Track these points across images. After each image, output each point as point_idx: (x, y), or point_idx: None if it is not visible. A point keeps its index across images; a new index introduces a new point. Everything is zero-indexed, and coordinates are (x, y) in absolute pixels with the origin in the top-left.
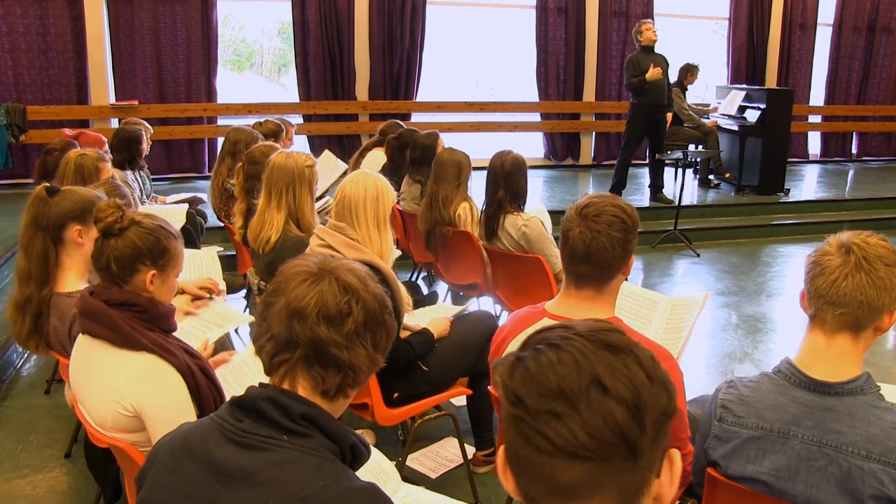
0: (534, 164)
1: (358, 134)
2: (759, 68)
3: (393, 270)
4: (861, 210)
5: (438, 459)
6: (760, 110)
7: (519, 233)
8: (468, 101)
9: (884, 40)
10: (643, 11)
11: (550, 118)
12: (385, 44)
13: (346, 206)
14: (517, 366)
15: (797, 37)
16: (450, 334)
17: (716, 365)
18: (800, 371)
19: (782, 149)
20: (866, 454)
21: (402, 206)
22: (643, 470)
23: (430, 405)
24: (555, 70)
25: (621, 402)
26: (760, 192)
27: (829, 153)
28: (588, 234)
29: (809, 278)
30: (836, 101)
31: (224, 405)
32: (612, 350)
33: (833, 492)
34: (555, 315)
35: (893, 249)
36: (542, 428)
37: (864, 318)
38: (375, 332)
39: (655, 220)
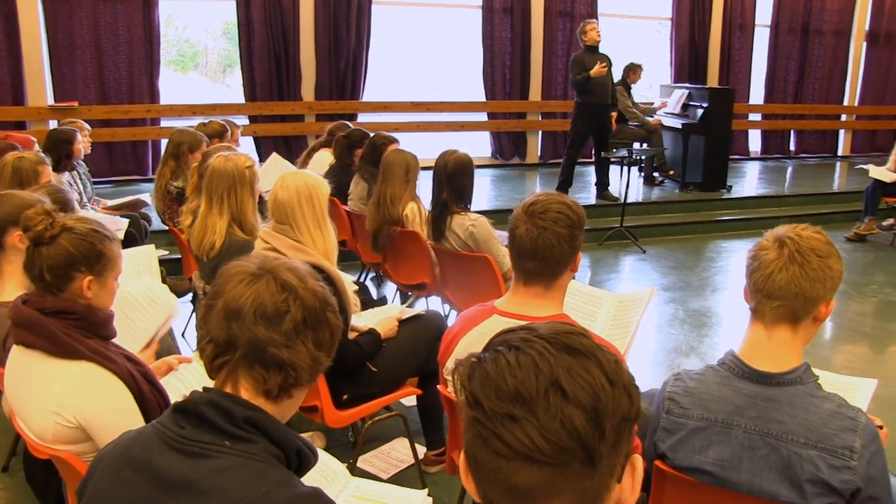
0: (481, 163)
1: (304, 135)
2: (701, 68)
3: (341, 271)
4: (800, 205)
5: (389, 460)
6: (703, 109)
7: (466, 233)
8: (415, 100)
9: (817, 42)
10: (587, 11)
11: (497, 117)
12: (331, 44)
13: (282, 212)
14: (476, 367)
15: (737, 37)
16: (398, 334)
17: (662, 360)
18: (743, 363)
19: (724, 146)
20: (804, 441)
21: (350, 206)
22: (602, 475)
23: (380, 406)
24: (501, 69)
25: (579, 406)
26: (704, 188)
27: (769, 150)
28: (534, 230)
29: (749, 272)
30: (774, 100)
31: (166, 411)
32: (572, 353)
33: (774, 479)
34: (504, 312)
35: (827, 241)
36: (499, 431)
37: (801, 310)
38: (317, 329)
39: (602, 217)
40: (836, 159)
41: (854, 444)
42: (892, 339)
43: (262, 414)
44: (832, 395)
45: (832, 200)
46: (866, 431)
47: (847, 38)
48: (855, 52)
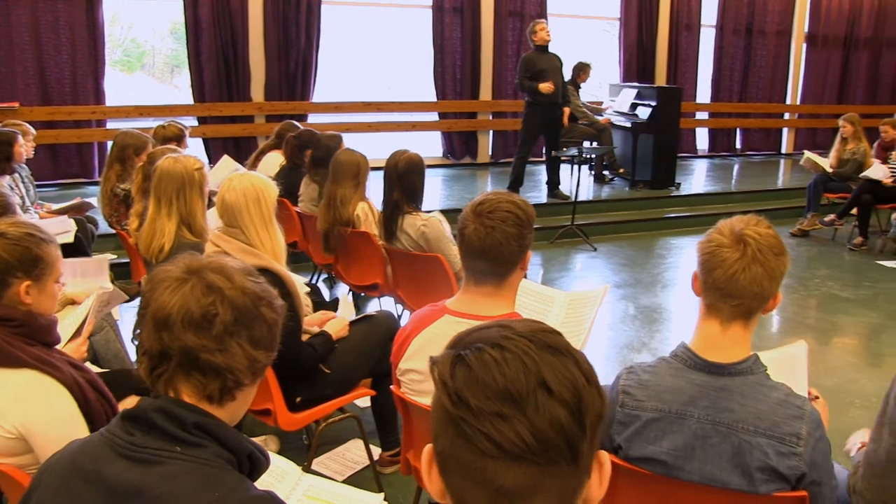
0: (432, 163)
1: (254, 136)
2: (649, 67)
3: (292, 273)
4: (746, 202)
5: (344, 462)
6: (651, 107)
7: (418, 233)
8: (365, 101)
9: (760, 42)
10: (537, 11)
11: (448, 117)
12: (280, 44)
13: (230, 215)
14: (458, 364)
15: (684, 37)
16: (351, 335)
17: (615, 356)
18: (695, 354)
19: (673, 144)
20: (754, 429)
21: (301, 207)
22: (581, 473)
23: (333, 408)
24: (451, 69)
25: (564, 404)
26: (653, 186)
27: (716, 148)
28: (483, 230)
29: (706, 269)
30: (720, 99)
31: (115, 419)
32: (553, 352)
33: (725, 467)
34: (455, 312)
35: (778, 236)
36: (487, 430)
37: (757, 307)
38: (251, 327)
39: (553, 215)
40: (780, 157)
41: (801, 432)
42: (835, 331)
43: (213, 419)
44: (780, 384)
45: (777, 197)
46: (812, 419)
47: (788, 39)
48: (796, 53)
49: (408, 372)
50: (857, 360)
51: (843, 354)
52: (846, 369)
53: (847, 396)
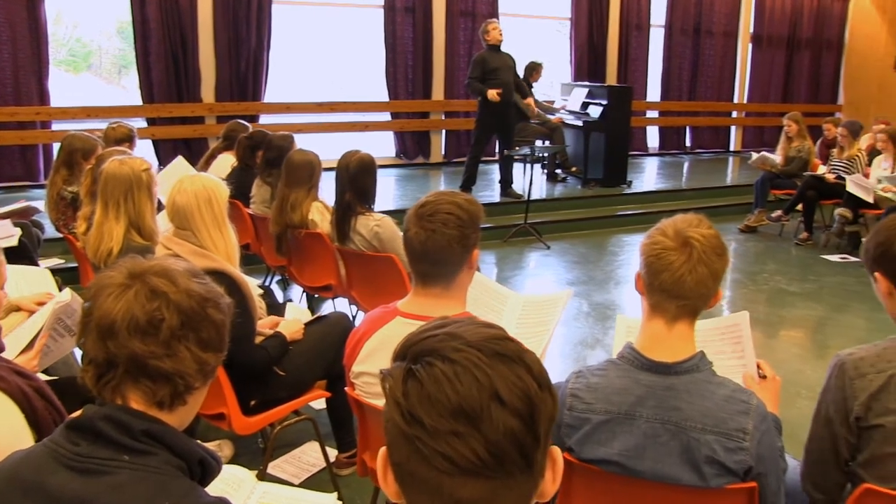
0: (385, 163)
1: (205, 137)
2: (600, 66)
3: (245, 275)
4: (696, 199)
5: (300, 465)
6: (602, 106)
7: (371, 233)
8: (318, 101)
9: (708, 42)
10: (489, 11)
11: (400, 117)
12: (231, 43)
13: (181, 217)
14: (410, 380)
15: (633, 37)
16: (305, 337)
17: (569, 353)
18: (642, 355)
19: (624, 143)
20: (702, 427)
21: (253, 209)
22: (536, 477)
23: (288, 410)
24: (403, 69)
25: (517, 415)
26: (605, 184)
27: (666, 146)
28: (423, 233)
29: (652, 272)
30: (670, 98)
31: (58, 428)
32: (505, 360)
33: (675, 464)
34: (407, 314)
35: (720, 236)
36: (443, 448)
37: (702, 306)
38: (199, 330)
39: (506, 214)
40: (728, 154)
41: (747, 426)
42: (782, 325)
43: (162, 425)
44: (726, 380)
45: (725, 193)
46: (758, 413)
47: (734, 40)
48: (742, 53)
49: (361, 375)
50: (803, 352)
51: (789, 347)
52: (793, 361)
53: (794, 388)
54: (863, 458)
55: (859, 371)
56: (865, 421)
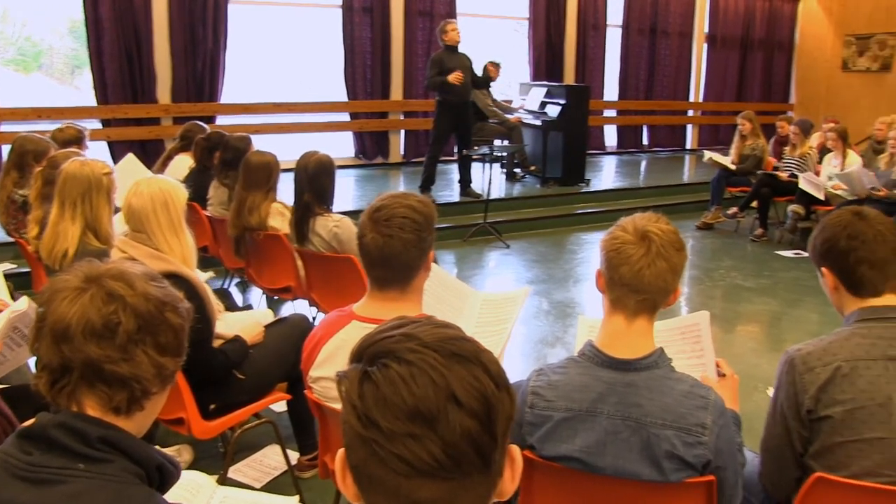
0: (344, 163)
1: (161, 138)
2: (558, 66)
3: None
4: (653, 197)
5: (262, 468)
6: (561, 106)
7: (330, 234)
8: (275, 101)
9: (664, 42)
10: (447, 11)
11: (359, 117)
12: (187, 44)
13: (137, 220)
14: (365, 383)
15: (591, 36)
16: (265, 340)
17: (530, 351)
18: (602, 352)
19: (582, 142)
20: (662, 422)
21: (210, 211)
22: (495, 477)
23: (249, 413)
24: (362, 69)
25: (474, 416)
26: (563, 183)
27: (624, 145)
28: (380, 239)
29: (612, 266)
30: (627, 97)
31: (10, 438)
32: (461, 361)
33: (636, 459)
34: (363, 317)
35: (678, 232)
36: (400, 451)
37: (661, 301)
38: (157, 334)
39: (465, 214)
40: (685, 152)
41: (705, 421)
42: (739, 320)
43: (118, 431)
44: (685, 376)
45: (682, 191)
46: (716, 408)
47: (690, 40)
48: (697, 53)
49: (319, 380)
50: (758, 347)
51: (746, 341)
52: (749, 355)
53: (751, 381)
54: (814, 449)
55: (808, 365)
56: (815, 413)
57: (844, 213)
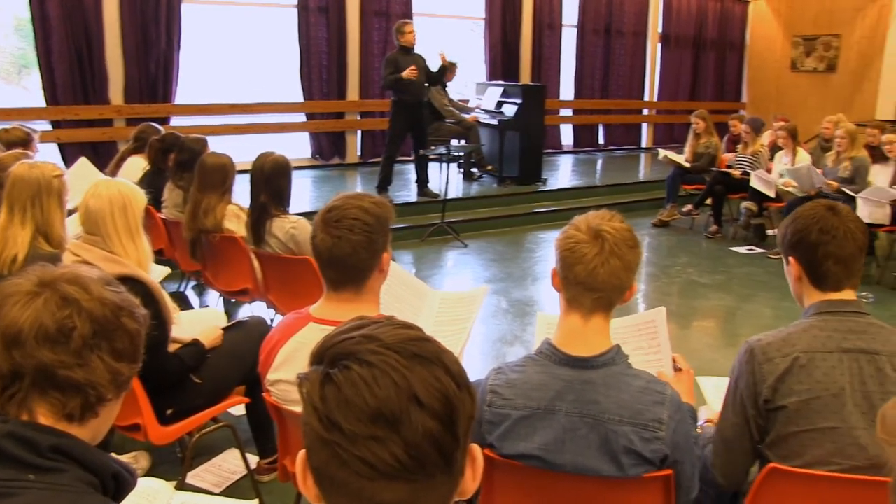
0: (300, 164)
1: (114, 140)
2: (514, 65)
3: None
4: (609, 195)
5: (221, 473)
6: (517, 105)
7: (287, 235)
8: (231, 102)
9: (618, 42)
10: (403, 11)
11: (315, 118)
12: (139, 43)
13: (93, 222)
14: (327, 385)
15: (546, 36)
16: (223, 343)
17: (489, 350)
18: (559, 350)
19: (538, 141)
20: (619, 419)
21: (165, 213)
22: (456, 477)
23: (207, 418)
24: (318, 69)
25: (436, 417)
26: (520, 182)
27: (580, 144)
28: (329, 240)
29: (567, 265)
30: (583, 96)
31: None
32: (423, 362)
33: (595, 456)
34: (319, 319)
35: (632, 230)
36: (362, 453)
37: (616, 298)
38: (112, 339)
39: (423, 213)
40: (640, 151)
41: (662, 416)
42: (694, 315)
43: (71, 439)
44: (642, 372)
45: (638, 189)
46: (672, 403)
47: (644, 39)
48: (651, 52)
49: (277, 383)
50: (714, 342)
51: (701, 337)
52: (705, 351)
53: (706, 376)
54: (769, 438)
55: (767, 356)
56: (773, 403)
57: (818, 207)
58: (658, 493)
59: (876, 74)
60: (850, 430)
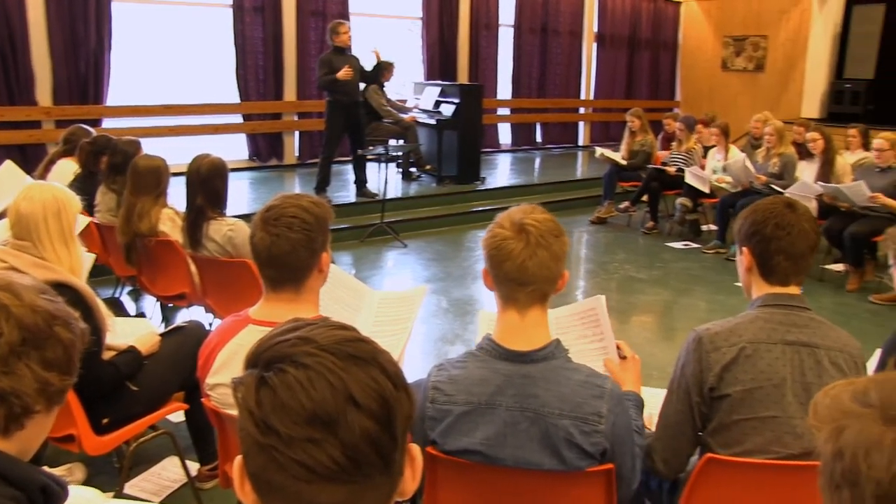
0: (238, 166)
1: (43, 143)
2: (452, 65)
3: (91, 287)
4: (548, 193)
5: (160, 482)
6: (455, 105)
7: (224, 238)
8: (165, 103)
9: (555, 41)
10: (339, 11)
11: (252, 119)
12: (67, 43)
13: (24, 227)
14: (262, 388)
15: (483, 36)
16: (160, 349)
17: (430, 350)
18: (499, 345)
19: (476, 140)
20: (559, 412)
21: (98, 218)
22: (395, 477)
23: (145, 426)
24: (254, 70)
25: (373, 417)
26: (459, 181)
27: (518, 143)
28: (268, 238)
29: (496, 263)
30: (520, 95)
31: None
32: (358, 363)
33: (536, 450)
34: (258, 321)
35: (555, 220)
36: (300, 456)
37: (549, 289)
38: (43, 348)
39: (362, 214)
40: (577, 149)
41: (601, 410)
42: (633, 311)
43: None
44: (581, 366)
45: (576, 187)
46: (612, 396)
47: (580, 39)
48: (587, 52)
49: (217, 387)
50: (652, 336)
51: (640, 331)
52: (643, 345)
53: (646, 370)
54: (711, 426)
55: (714, 344)
56: (717, 391)
57: (777, 202)
58: (599, 486)
59: (800, 74)
60: (789, 419)
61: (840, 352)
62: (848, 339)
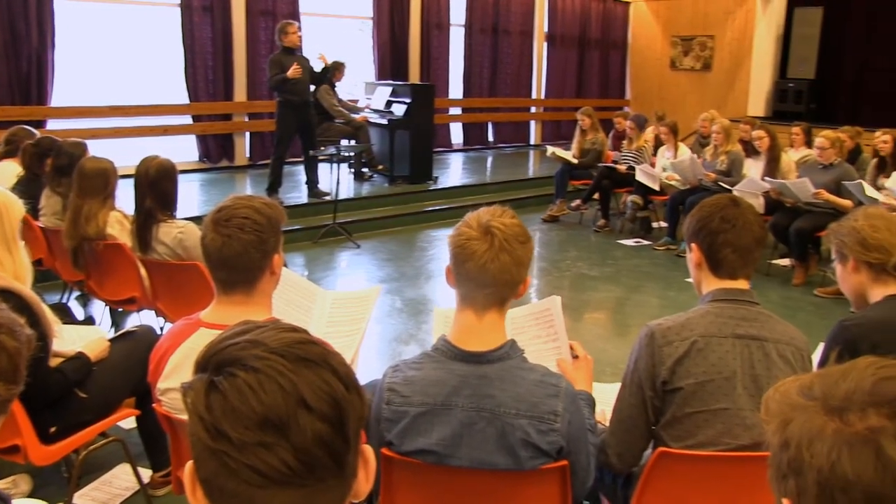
0: (187, 167)
1: None
2: (403, 65)
3: (38, 293)
4: (500, 192)
5: (112, 490)
6: (406, 104)
7: (175, 241)
8: (111, 104)
9: (506, 41)
10: (289, 11)
11: (202, 120)
12: (7, 42)
13: None
14: (212, 393)
15: (434, 36)
16: (110, 354)
17: (385, 350)
18: (454, 346)
19: (428, 140)
20: (515, 412)
21: (43, 221)
22: (349, 479)
23: (94, 433)
24: (203, 70)
25: (325, 420)
26: (412, 181)
27: (470, 142)
28: (219, 239)
29: (458, 262)
30: (472, 95)
31: None
32: (309, 365)
33: (492, 450)
34: (210, 324)
35: (522, 225)
36: (252, 461)
37: (509, 294)
38: None
39: (315, 215)
40: (529, 148)
41: (557, 409)
42: (585, 308)
43: None
44: (537, 365)
45: (528, 186)
46: (567, 395)
47: (531, 39)
48: (538, 51)
49: (168, 391)
50: (605, 332)
51: (593, 328)
52: (596, 341)
53: (598, 366)
54: (664, 419)
55: (667, 339)
56: (670, 384)
57: (722, 198)
58: (554, 483)
59: (746, 74)
60: (739, 411)
61: (787, 345)
62: (794, 332)
